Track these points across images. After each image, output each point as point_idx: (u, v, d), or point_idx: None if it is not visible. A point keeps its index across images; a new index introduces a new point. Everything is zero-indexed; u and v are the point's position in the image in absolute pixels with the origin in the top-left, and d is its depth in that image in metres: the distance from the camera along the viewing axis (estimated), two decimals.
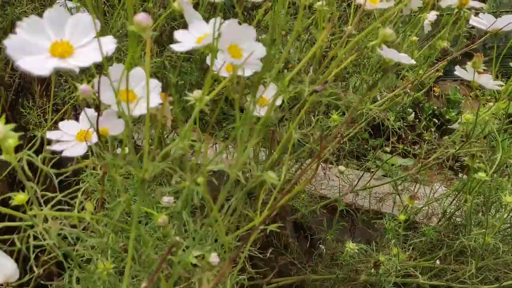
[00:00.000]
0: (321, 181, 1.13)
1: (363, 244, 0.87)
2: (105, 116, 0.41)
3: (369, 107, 0.68)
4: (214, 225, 0.46)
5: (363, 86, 0.82)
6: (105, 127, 0.42)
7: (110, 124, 0.42)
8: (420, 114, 1.36)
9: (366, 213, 1.13)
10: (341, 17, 0.87)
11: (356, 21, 0.55)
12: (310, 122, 0.64)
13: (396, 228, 0.79)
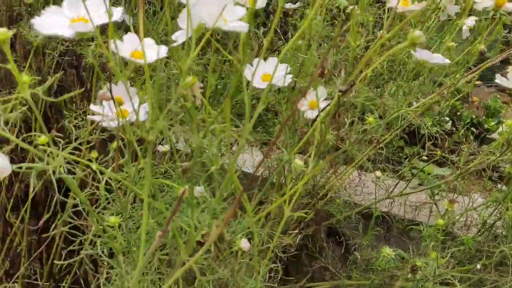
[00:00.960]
0: (355, 187, 1.13)
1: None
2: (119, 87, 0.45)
3: (405, 110, 0.68)
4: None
5: (398, 92, 0.82)
6: (120, 96, 0.46)
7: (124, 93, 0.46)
8: (458, 123, 1.34)
9: (401, 222, 1.12)
10: (377, 24, 0.87)
11: (388, 25, 0.56)
12: (344, 124, 0.65)
13: (434, 234, 0.78)
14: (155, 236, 0.41)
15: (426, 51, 0.56)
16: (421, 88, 0.78)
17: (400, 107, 0.69)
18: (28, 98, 0.42)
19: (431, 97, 0.75)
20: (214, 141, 0.45)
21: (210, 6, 0.41)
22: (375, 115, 0.70)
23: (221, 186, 0.44)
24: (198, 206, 0.47)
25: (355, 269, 0.93)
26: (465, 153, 0.93)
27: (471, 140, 1.29)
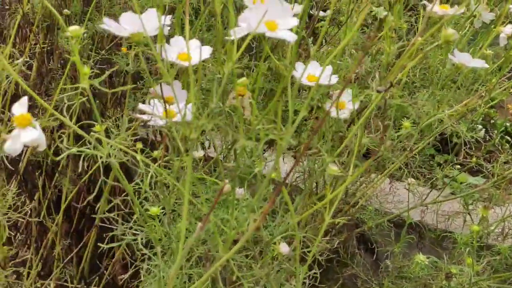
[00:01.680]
0: (385, 195, 1.12)
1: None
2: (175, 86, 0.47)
3: (443, 114, 0.68)
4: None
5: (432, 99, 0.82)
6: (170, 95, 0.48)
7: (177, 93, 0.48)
8: (491, 131, 1.32)
9: (433, 231, 1.11)
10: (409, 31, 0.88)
11: (422, 28, 0.56)
12: (378, 128, 0.65)
13: (469, 241, 0.77)
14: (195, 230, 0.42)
15: (465, 54, 0.56)
16: (454, 95, 0.78)
17: (436, 113, 0.69)
18: (87, 88, 0.45)
19: (466, 104, 0.75)
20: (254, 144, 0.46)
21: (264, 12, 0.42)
22: (411, 121, 0.69)
23: (261, 187, 0.44)
24: (237, 204, 0.48)
25: (387, 276, 0.92)
26: (501, 162, 0.91)
27: (508, 148, 1.27)
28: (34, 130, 0.44)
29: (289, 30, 0.43)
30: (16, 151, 0.43)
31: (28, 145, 0.43)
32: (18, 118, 0.43)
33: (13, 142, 0.43)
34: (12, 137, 0.43)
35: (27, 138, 0.43)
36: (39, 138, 0.44)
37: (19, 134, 0.43)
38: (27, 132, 0.43)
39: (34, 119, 0.44)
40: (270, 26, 0.43)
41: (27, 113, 0.44)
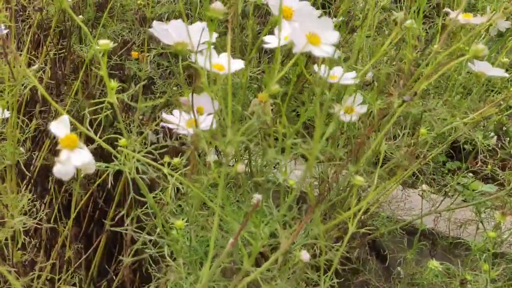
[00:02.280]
0: (397, 202, 1.12)
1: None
2: (201, 97, 0.48)
3: (459, 121, 0.68)
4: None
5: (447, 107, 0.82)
6: (201, 105, 0.48)
7: (205, 103, 0.49)
8: (504, 138, 1.32)
9: (445, 238, 1.10)
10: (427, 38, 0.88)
11: (444, 37, 0.56)
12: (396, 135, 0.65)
13: (484, 249, 0.76)
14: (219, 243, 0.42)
15: (484, 63, 0.56)
16: (470, 103, 0.78)
17: (452, 120, 0.69)
18: (115, 102, 0.44)
19: (482, 112, 0.75)
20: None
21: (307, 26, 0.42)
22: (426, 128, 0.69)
23: (288, 199, 0.45)
24: (264, 216, 0.48)
25: (399, 283, 0.91)
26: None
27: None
28: (84, 152, 0.43)
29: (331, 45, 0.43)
30: (68, 175, 0.42)
31: (79, 168, 0.42)
32: (65, 140, 0.42)
33: (64, 166, 0.41)
34: (62, 161, 0.41)
35: (79, 161, 0.42)
36: (91, 162, 0.43)
37: (69, 157, 0.42)
38: (78, 155, 0.42)
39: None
40: (313, 40, 0.43)
41: (72, 134, 0.43)
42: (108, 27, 1.16)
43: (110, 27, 1.17)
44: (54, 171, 0.42)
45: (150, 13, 1.07)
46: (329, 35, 0.44)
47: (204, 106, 0.49)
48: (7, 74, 0.72)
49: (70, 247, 1.20)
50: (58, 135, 0.43)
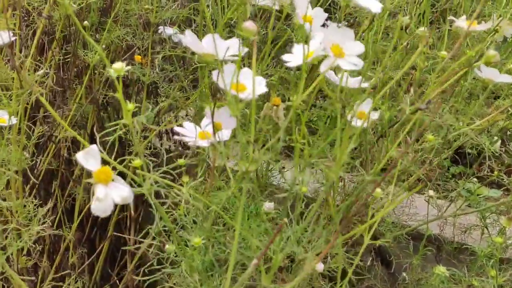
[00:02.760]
0: (402, 208, 1.12)
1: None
2: (220, 113, 0.47)
3: (468, 128, 0.68)
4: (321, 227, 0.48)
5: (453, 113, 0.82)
6: (219, 122, 0.47)
7: (223, 120, 0.48)
8: (508, 143, 1.32)
9: (450, 244, 1.10)
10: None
11: (457, 47, 0.56)
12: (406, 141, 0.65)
13: (491, 253, 0.76)
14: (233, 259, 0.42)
15: (492, 69, 0.56)
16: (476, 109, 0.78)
17: (460, 127, 0.69)
18: (131, 124, 0.44)
19: (489, 119, 0.75)
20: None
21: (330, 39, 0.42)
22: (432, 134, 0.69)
23: (309, 213, 0.45)
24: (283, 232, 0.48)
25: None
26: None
27: None
28: (121, 186, 0.40)
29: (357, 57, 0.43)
30: (106, 212, 0.40)
31: (118, 203, 0.40)
32: (98, 174, 0.40)
33: (102, 203, 0.39)
34: (100, 199, 0.39)
35: (118, 198, 0.39)
36: (130, 195, 0.41)
37: (106, 193, 0.39)
38: (116, 190, 0.40)
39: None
40: (338, 53, 0.43)
41: (106, 167, 0.40)
42: (112, 32, 1.16)
43: (114, 32, 1.17)
44: (92, 209, 0.39)
45: (154, 18, 1.07)
46: (352, 46, 0.44)
47: (222, 120, 0.48)
48: (16, 82, 0.72)
49: (74, 252, 1.20)
50: (89, 169, 0.40)
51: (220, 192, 0.47)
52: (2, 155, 0.73)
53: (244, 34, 0.40)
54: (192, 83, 1.19)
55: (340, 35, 0.43)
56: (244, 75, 0.45)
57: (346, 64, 0.43)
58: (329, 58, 0.43)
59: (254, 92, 0.42)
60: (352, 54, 0.43)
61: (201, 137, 0.50)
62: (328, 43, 0.43)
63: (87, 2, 1.02)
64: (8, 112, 0.71)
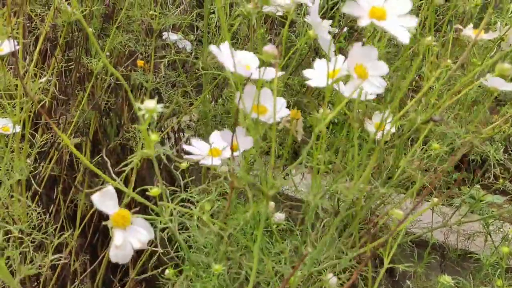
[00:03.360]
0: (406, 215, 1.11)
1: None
2: (238, 133, 0.46)
3: (474, 137, 0.68)
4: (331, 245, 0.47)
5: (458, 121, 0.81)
6: (235, 143, 0.47)
7: (240, 140, 0.47)
8: (510, 149, 1.32)
9: (453, 251, 1.10)
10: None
11: (465, 56, 0.56)
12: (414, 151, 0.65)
13: (496, 262, 0.76)
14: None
15: (498, 78, 0.56)
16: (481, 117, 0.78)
17: (466, 136, 0.68)
18: (153, 155, 0.42)
19: (494, 126, 0.74)
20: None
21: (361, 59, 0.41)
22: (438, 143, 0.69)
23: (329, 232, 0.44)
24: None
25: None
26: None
27: None
28: (139, 228, 0.39)
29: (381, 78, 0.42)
30: (127, 259, 0.38)
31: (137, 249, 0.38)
32: (117, 218, 0.38)
33: (121, 250, 0.38)
34: (119, 246, 0.37)
35: (137, 243, 0.38)
36: (150, 237, 0.39)
37: (125, 239, 0.38)
38: (134, 235, 0.38)
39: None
40: (360, 72, 0.41)
41: (124, 210, 0.38)
42: (115, 38, 1.16)
43: (116, 38, 1.17)
44: (111, 256, 0.38)
45: (157, 25, 1.07)
46: (377, 66, 0.43)
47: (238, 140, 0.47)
48: (19, 89, 0.71)
49: (76, 258, 1.20)
50: (106, 212, 0.38)
51: (237, 215, 0.46)
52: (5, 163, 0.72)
53: (264, 58, 0.39)
54: (196, 89, 1.18)
55: (363, 54, 0.42)
56: (264, 96, 0.44)
57: (370, 86, 0.42)
58: (353, 80, 0.41)
59: (275, 115, 0.41)
60: (376, 75, 0.42)
61: (212, 155, 0.49)
62: (352, 63, 0.42)
63: (90, 10, 1.02)
64: (12, 121, 0.71)
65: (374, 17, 0.40)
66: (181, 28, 1.22)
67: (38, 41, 1.00)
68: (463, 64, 0.70)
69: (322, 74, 0.43)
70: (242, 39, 1.06)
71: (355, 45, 0.42)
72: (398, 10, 0.41)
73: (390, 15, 0.40)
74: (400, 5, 0.41)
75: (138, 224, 0.39)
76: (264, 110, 0.43)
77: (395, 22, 0.40)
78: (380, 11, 0.40)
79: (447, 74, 0.56)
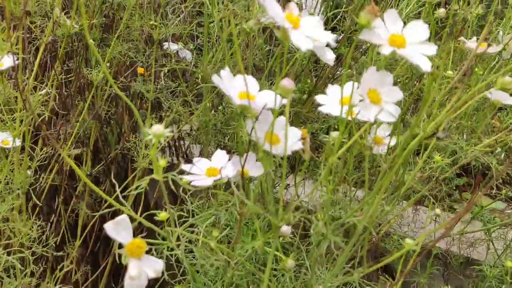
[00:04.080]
0: (408, 223, 1.11)
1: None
2: (248, 159, 0.46)
3: (477, 149, 0.67)
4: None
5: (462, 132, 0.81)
6: (246, 168, 0.46)
7: (250, 166, 0.46)
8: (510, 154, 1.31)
9: (456, 259, 1.09)
10: None
11: (465, 69, 0.55)
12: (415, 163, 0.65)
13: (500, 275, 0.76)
14: None
15: (501, 92, 0.56)
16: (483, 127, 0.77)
17: (468, 148, 0.68)
18: (161, 181, 0.42)
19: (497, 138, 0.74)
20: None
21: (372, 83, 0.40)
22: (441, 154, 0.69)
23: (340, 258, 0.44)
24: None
25: None
26: None
27: None
28: (154, 259, 0.38)
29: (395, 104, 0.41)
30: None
31: (152, 278, 0.38)
32: (131, 248, 0.37)
33: (136, 281, 0.37)
34: (134, 277, 0.36)
35: (153, 272, 0.37)
36: (162, 266, 0.39)
37: (140, 269, 0.37)
38: (149, 264, 0.38)
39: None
40: (374, 98, 0.41)
41: (138, 240, 0.38)
42: (115, 48, 1.16)
43: (116, 48, 1.17)
44: (126, 286, 0.37)
45: (157, 35, 1.07)
46: (391, 92, 0.42)
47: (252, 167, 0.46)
48: (19, 102, 0.71)
49: (77, 268, 1.19)
50: (120, 241, 0.38)
51: (246, 244, 0.46)
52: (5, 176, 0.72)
53: (281, 93, 0.38)
54: (196, 98, 1.18)
55: (378, 79, 0.41)
56: (279, 125, 0.43)
57: (384, 114, 0.41)
58: (366, 106, 0.41)
59: (287, 148, 0.40)
60: (390, 102, 0.41)
61: (208, 174, 0.49)
62: (366, 88, 0.41)
63: (90, 23, 1.02)
64: (12, 135, 0.71)
65: (395, 45, 0.39)
66: (182, 37, 1.22)
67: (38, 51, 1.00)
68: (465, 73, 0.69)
69: (335, 101, 0.43)
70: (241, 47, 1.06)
71: (369, 70, 0.41)
72: (417, 37, 0.40)
73: (410, 43, 0.40)
74: (418, 33, 0.40)
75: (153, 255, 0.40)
76: (277, 140, 0.42)
77: (415, 50, 0.40)
78: (400, 38, 0.40)
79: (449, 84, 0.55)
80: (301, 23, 0.39)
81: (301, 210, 0.41)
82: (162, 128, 0.40)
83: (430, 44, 0.40)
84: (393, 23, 0.40)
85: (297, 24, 0.39)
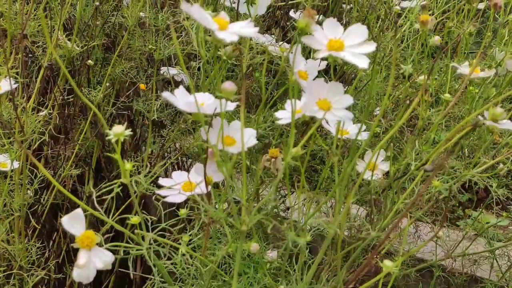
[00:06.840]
0: (409, 241, 1.10)
1: None
2: (210, 166, 0.47)
3: (476, 174, 0.67)
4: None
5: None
6: (209, 175, 0.47)
7: (213, 172, 0.48)
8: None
9: (459, 276, 1.08)
10: None
11: (459, 94, 0.55)
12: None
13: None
14: None
15: None
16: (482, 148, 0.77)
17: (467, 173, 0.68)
18: (129, 183, 0.43)
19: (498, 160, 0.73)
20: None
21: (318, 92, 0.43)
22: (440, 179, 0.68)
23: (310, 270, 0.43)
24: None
25: None
26: None
27: None
28: (104, 251, 0.40)
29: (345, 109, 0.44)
30: (89, 279, 0.39)
31: (100, 269, 0.39)
32: (82, 239, 0.39)
33: (83, 270, 0.38)
34: (81, 265, 0.38)
35: (101, 263, 0.39)
36: (112, 259, 0.40)
37: (89, 259, 0.39)
38: (98, 255, 0.40)
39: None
40: (324, 106, 0.43)
41: (89, 231, 0.40)
42: (116, 67, 1.17)
43: (118, 67, 1.18)
44: (74, 276, 0.39)
45: (158, 55, 1.08)
46: (340, 100, 0.45)
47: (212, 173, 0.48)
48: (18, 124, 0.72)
49: None
50: (73, 233, 0.40)
51: (216, 250, 0.47)
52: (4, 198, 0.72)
53: (224, 96, 0.40)
54: None
55: (329, 89, 0.45)
56: (234, 128, 0.46)
57: (332, 117, 0.44)
58: (318, 112, 0.44)
59: (243, 146, 0.42)
60: (340, 107, 0.45)
61: (183, 189, 0.49)
62: (314, 100, 0.44)
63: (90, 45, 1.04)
64: (10, 158, 0.71)
65: (332, 49, 0.42)
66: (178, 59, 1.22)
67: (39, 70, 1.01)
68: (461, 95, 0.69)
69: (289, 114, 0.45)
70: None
71: (316, 81, 0.45)
72: (356, 39, 0.43)
73: (349, 45, 0.43)
74: (358, 35, 0.43)
75: (105, 246, 0.41)
76: (232, 142, 0.45)
77: (354, 51, 0.42)
78: (337, 43, 0.42)
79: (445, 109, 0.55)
80: (229, 25, 0.43)
81: (263, 213, 0.41)
82: (122, 128, 0.43)
83: (369, 43, 0.42)
84: (333, 30, 0.43)
85: (225, 26, 0.42)
